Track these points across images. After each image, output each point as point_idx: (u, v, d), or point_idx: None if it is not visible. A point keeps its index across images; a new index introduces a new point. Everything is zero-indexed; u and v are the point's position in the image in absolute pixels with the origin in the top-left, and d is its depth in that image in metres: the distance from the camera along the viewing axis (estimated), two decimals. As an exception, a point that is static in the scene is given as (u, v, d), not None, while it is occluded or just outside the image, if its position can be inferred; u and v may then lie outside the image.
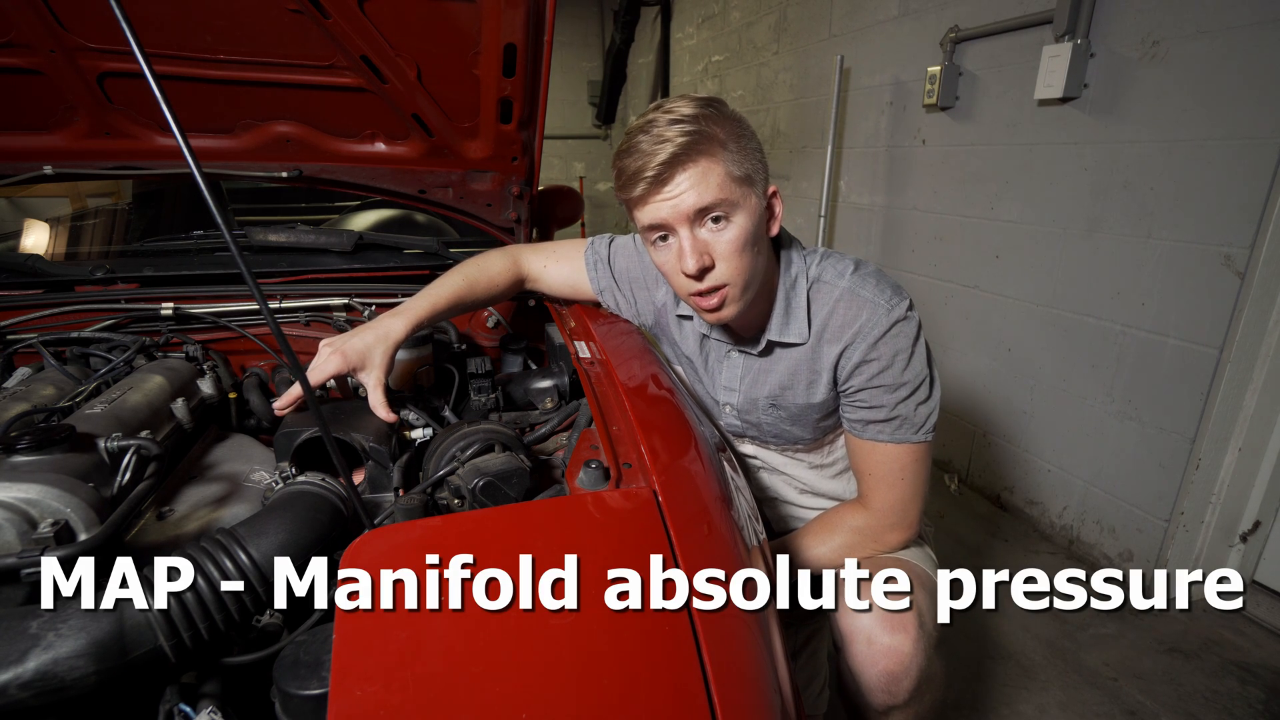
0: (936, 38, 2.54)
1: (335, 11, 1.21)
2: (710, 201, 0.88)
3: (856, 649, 0.94)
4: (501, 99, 1.38)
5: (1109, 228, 2.04)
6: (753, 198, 0.91)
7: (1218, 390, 1.80)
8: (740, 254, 0.91)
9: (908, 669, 0.92)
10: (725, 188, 0.88)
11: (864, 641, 0.93)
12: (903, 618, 0.93)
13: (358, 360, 0.97)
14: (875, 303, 0.97)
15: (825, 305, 1.00)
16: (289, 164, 1.54)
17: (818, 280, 1.02)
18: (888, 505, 1.05)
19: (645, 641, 0.57)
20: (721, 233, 0.90)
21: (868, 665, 0.93)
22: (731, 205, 0.89)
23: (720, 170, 0.87)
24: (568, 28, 6.88)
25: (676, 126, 0.86)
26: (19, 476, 0.72)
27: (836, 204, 3.43)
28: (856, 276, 1.00)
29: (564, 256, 1.26)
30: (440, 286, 1.14)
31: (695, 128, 0.86)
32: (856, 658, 0.94)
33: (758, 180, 0.92)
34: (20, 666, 0.55)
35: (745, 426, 1.15)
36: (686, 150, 0.86)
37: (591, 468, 0.74)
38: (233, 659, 0.68)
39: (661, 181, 0.87)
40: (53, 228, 2.08)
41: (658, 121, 0.87)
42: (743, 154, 0.89)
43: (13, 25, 1.20)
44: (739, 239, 0.90)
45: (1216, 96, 1.71)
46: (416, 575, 0.61)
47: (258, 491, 0.94)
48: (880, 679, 0.93)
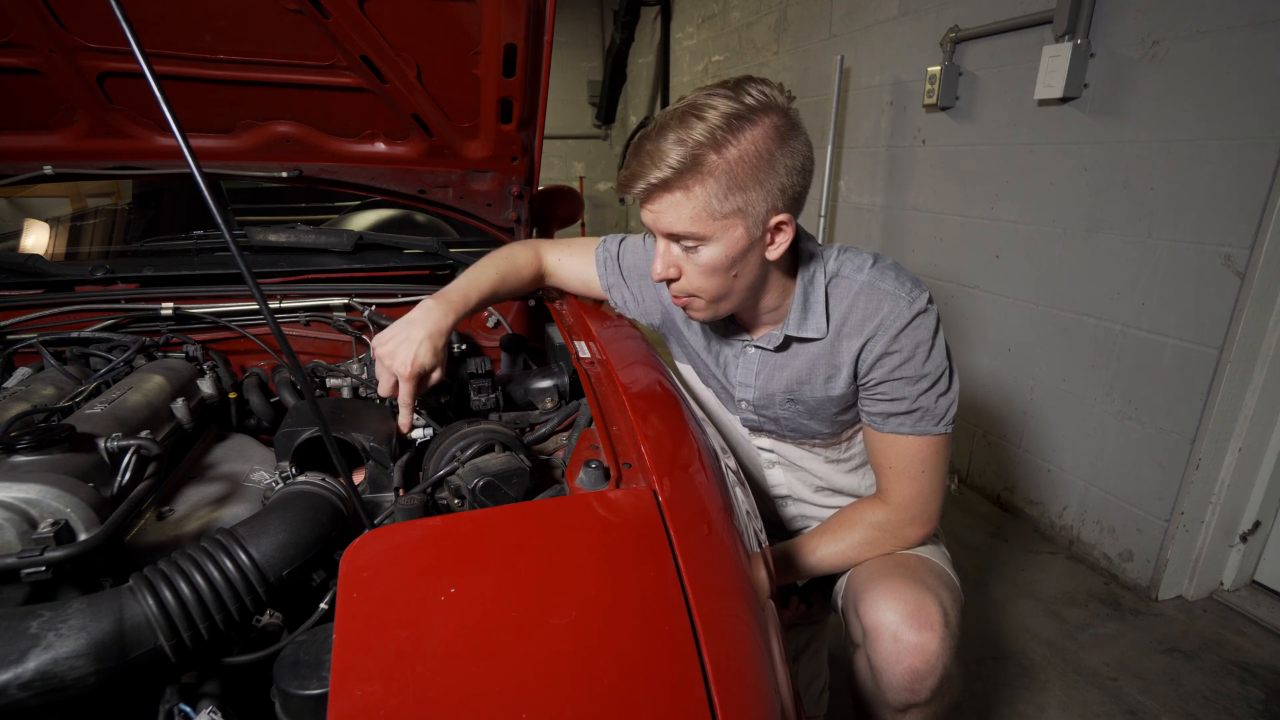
0: (936, 38, 2.54)
1: (335, 11, 1.21)
2: (679, 231, 0.90)
3: (881, 645, 0.94)
4: (501, 99, 1.38)
5: (1109, 227, 2.04)
6: (738, 229, 0.89)
7: (1218, 390, 1.80)
8: (707, 276, 0.94)
9: (933, 667, 0.92)
10: (698, 222, 0.88)
11: (890, 638, 0.93)
12: (930, 615, 0.93)
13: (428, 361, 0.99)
14: (896, 295, 0.97)
15: (845, 299, 1.00)
16: (289, 164, 1.54)
17: (836, 275, 1.02)
18: (908, 499, 1.05)
19: (645, 641, 0.57)
20: (691, 255, 0.93)
21: (892, 662, 0.93)
22: (701, 238, 0.90)
23: (695, 205, 0.87)
24: (568, 28, 6.87)
25: (677, 150, 0.85)
26: (19, 476, 0.72)
27: (836, 204, 3.43)
28: (875, 270, 1.00)
29: (578, 252, 1.27)
30: (475, 277, 1.14)
31: (688, 158, 0.85)
32: (881, 654, 0.94)
33: (752, 212, 0.89)
34: (20, 666, 0.55)
35: (762, 421, 1.15)
36: (666, 182, 0.87)
37: (591, 468, 0.74)
38: (233, 659, 0.67)
39: (647, 198, 0.91)
40: (53, 228, 2.08)
41: (666, 137, 0.86)
42: (736, 186, 0.86)
43: (13, 25, 1.20)
44: (706, 265, 0.92)
45: (1216, 97, 1.71)
46: (416, 575, 0.61)
47: (258, 491, 0.94)
48: (905, 676, 0.92)
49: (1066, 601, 2.04)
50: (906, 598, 0.95)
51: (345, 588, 0.59)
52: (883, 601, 0.96)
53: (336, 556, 0.67)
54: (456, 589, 0.58)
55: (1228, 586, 2.03)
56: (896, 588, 0.96)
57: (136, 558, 0.78)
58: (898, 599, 0.95)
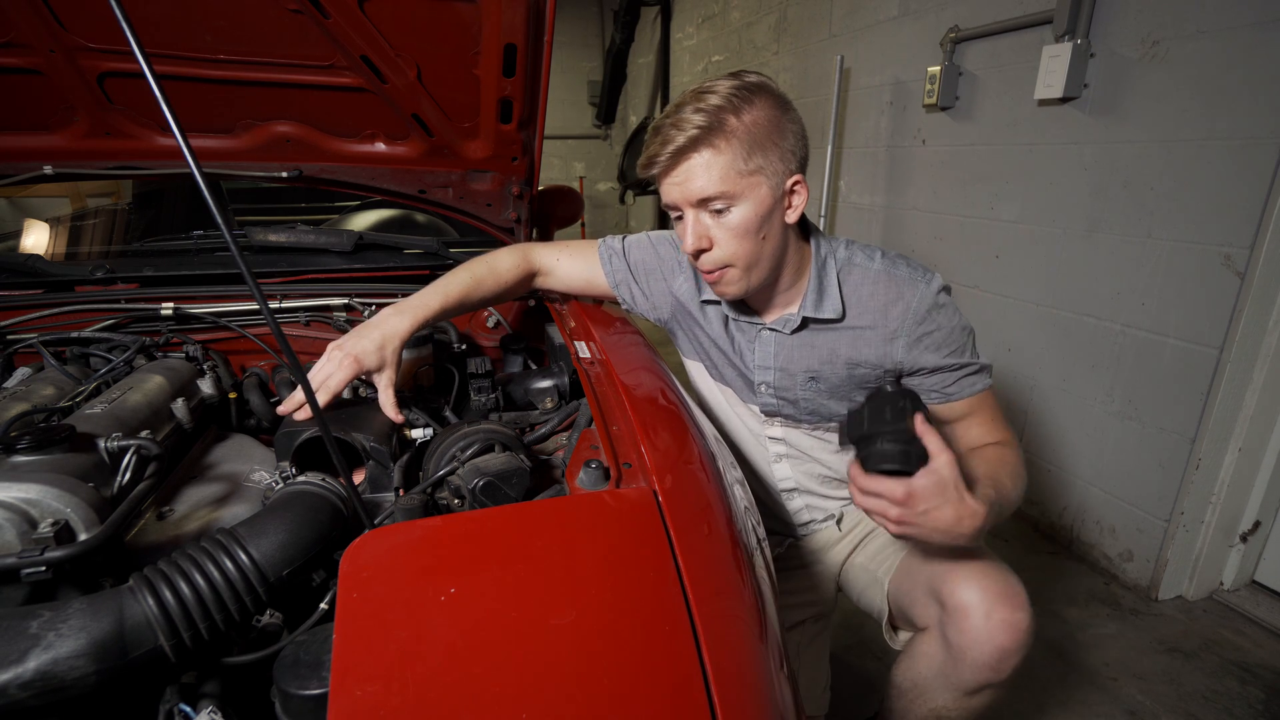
0: (936, 38, 2.54)
1: (335, 11, 1.21)
2: (711, 193, 0.94)
3: (970, 624, 0.95)
4: (501, 99, 1.38)
5: (1109, 227, 2.04)
6: (762, 188, 0.96)
7: (1218, 390, 1.80)
8: (740, 239, 0.97)
9: (1021, 644, 0.94)
10: (727, 180, 0.93)
11: (981, 615, 0.94)
12: (1019, 594, 0.95)
13: (370, 362, 0.97)
14: (913, 280, 1.04)
15: (861, 285, 1.07)
16: (289, 164, 1.54)
17: (848, 263, 1.08)
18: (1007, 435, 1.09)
19: (645, 642, 0.57)
20: (722, 219, 0.97)
21: (982, 640, 0.94)
22: (732, 197, 0.95)
23: (723, 163, 0.93)
24: (568, 28, 6.87)
25: (698, 115, 0.92)
26: (19, 476, 0.72)
27: (836, 204, 3.43)
28: (887, 260, 1.07)
29: (577, 252, 1.28)
30: (446, 283, 1.14)
31: (712, 120, 0.92)
32: (969, 633, 0.95)
33: (772, 171, 0.96)
34: (20, 666, 0.55)
35: (781, 404, 1.17)
36: (694, 142, 0.92)
37: (591, 468, 0.74)
38: (233, 659, 0.67)
39: (672, 166, 0.96)
40: (53, 228, 2.08)
41: (684, 108, 0.94)
42: (757, 146, 0.94)
43: (13, 25, 1.20)
44: (739, 225, 0.96)
45: (1216, 96, 1.71)
46: (416, 575, 0.61)
47: (258, 491, 0.94)
48: (994, 654, 0.93)
49: (1066, 601, 2.04)
50: (994, 577, 0.97)
51: (345, 588, 0.59)
52: (970, 582, 0.97)
53: (336, 556, 0.67)
54: (456, 589, 0.58)
55: (1228, 586, 2.03)
56: (983, 568, 0.98)
57: (136, 558, 0.78)
58: (986, 578, 0.97)
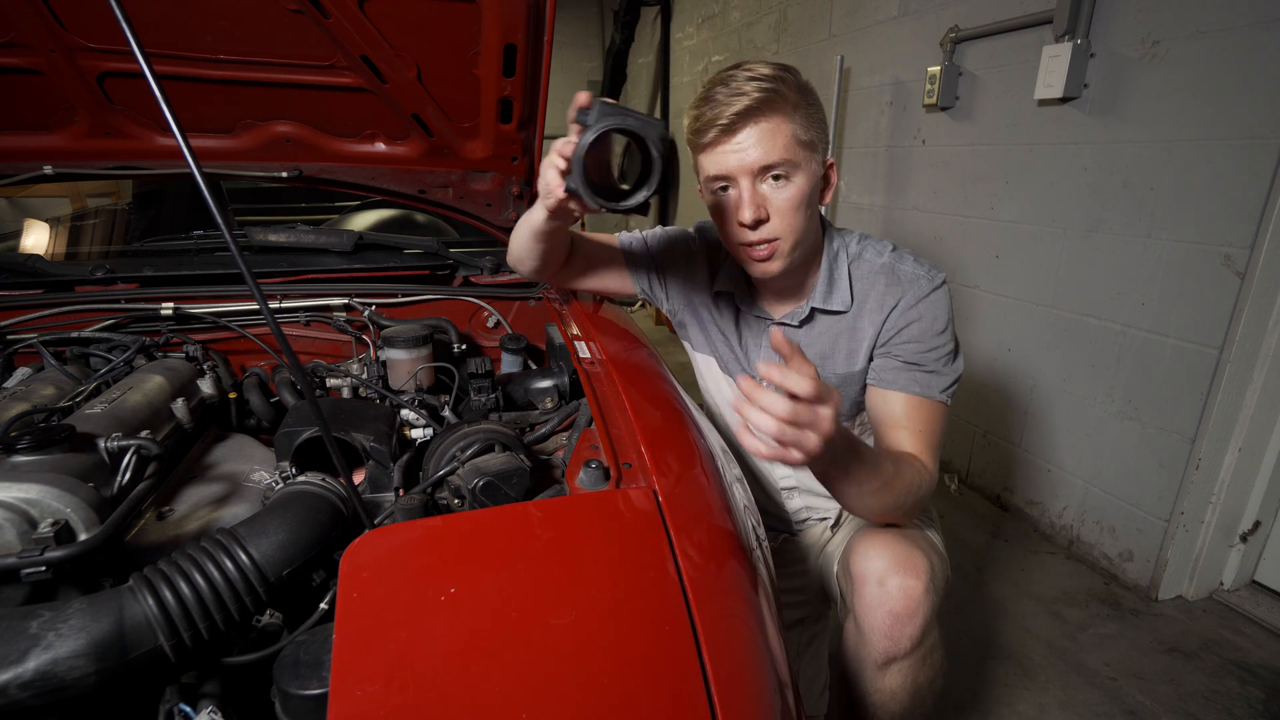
0: (936, 38, 2.54)
1: (335, 11, 1.21)
2: (775, 160, 0.94)
3: (866, 591, 0.95)
4: (501, 99, 1.38)
5: (1109, 227, 2.04)
6: (814, 163, 0.98)
7: (1218, 390, 1.80)
8: (795, 211, 0.97)
9: (913, 612, 0.93)
10: (790, 149, 0.94)
11: (875, 583, 0.95)
12: (917, 564, 0.95)
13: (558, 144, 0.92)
14: (916, 274, 1.06)
15: (868, 278, 1.08)
16: (289, 164, 1.54)
17: (859, 257, 1.10)
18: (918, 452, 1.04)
19: (645, 642, 0.57)
20: (780, 190, 0.96)
21: (876, 607, 0.94)
22: (793, 166, 0.95)
23: (788, 131, 0.93)
24: (568, 28, 6.87)
25: (754, 83, 0.91)
26: (19, 476, 0.72)
27: (837, 204, 3.43)
28: (895, 255, 1.09)
29: (597, 236, 1.27)
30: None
31: (771, 86, 0.91)
32: (865, 601, 0.95)
33: (819, 148, 0.98)
34: (20, 666, 0.55)
35: None
36: (760, 105, 0.91)
37: (591, 468, 0.74)
38: (233, 659, 0.67)
39: (732, 131, 0.93)
40: (53, 228, 2.08)
41: (736, 77, 0.93)
42: (810, 120, 0.96)
43: (13, 25, 1.20)
44: (796, 197, 0.96)
45: (1216, 96, 1.71)
46: (416, 575, 0.61)
47: (258, 491, 0.94)
48: (886, 620, 0.93)
49: (1066, 601, 2.04)
50: (896, 549, 0.96)
51: (345, 588, 0.59)
52: (872, 551, 0.97)
53: (336, 556, 0.67)
54: (456, 589, 0.59)
55: (1228, 586, 2.03)
56: (887, 541, 0.98)
57: (136, 558, 0.78)
58: (887, 549, 0.97)
